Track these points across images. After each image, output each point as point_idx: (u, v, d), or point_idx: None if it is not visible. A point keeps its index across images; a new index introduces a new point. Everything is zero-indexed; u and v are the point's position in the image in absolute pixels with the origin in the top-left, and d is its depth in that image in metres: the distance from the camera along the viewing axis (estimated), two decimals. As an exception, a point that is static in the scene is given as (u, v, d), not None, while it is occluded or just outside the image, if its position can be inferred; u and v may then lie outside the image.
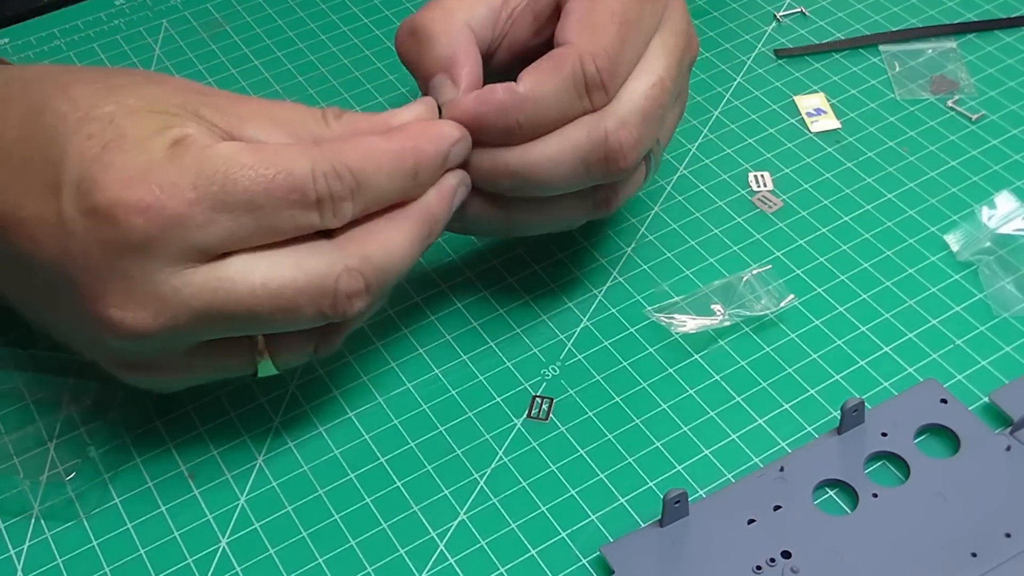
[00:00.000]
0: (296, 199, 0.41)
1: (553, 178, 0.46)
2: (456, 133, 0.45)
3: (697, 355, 0.52)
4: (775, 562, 0.44)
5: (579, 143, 0.45)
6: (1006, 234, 0.55)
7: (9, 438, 0.49)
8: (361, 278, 0.43)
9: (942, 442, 0.48)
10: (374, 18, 0.70)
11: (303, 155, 0.42)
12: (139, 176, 0.40)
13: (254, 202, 0.40)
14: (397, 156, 0.43)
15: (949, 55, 0.65)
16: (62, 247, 0.40)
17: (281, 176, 0.41)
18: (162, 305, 0.41)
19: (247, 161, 0.41)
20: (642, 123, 0.46)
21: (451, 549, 0.45)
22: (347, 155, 0.42)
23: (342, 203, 0.42)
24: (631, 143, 0.46)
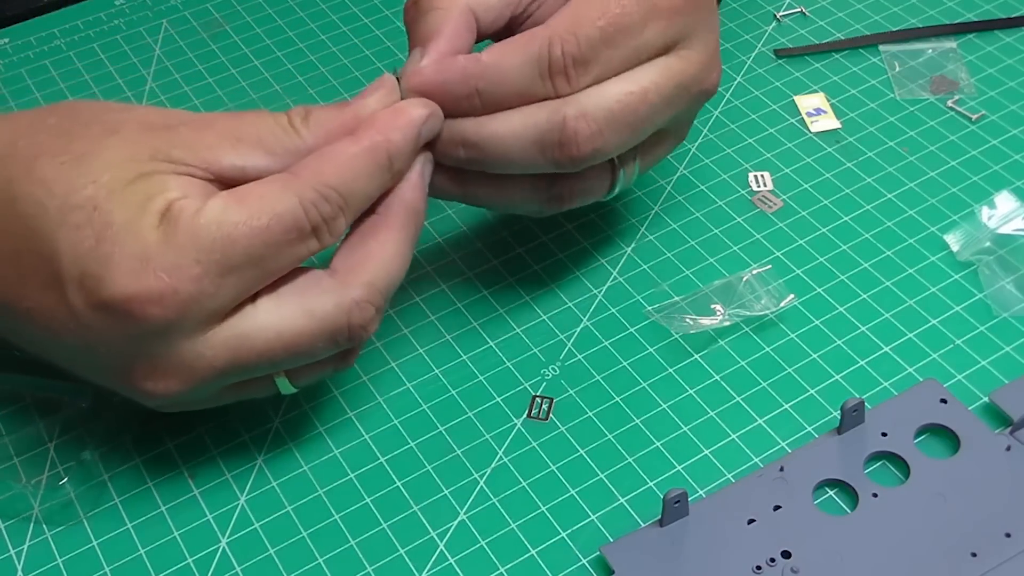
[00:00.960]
0: (294, 236, 0.42)
1: (507, 154, 0.46)
2: (423, 111, 0.45)
3: (697, 355, 0.52)
4: (775, 562, 0.44)
5: (538, 122, 0.45)
6: (1006, 234, 0.55)
7: (9, 439, 0.49)
8: (370, 307, 0.43)
9: (942, 442, 0.48)
10: (374, 18, 0.70)
11: (286, 191, 0.41)
12: (141, 266, 0.39)
13: (256, 255, 0.41)
14: (371, 155, 0.43)
15: (949, 55, 0.65)
16: (79, 336, 0.41)
17: (275, 222, 0.41)
18: (188, 371, 0.42)
19: (237, 218, 0.41)
20: (606, 121, 0.46)
21: (451, 549, 0.45)
22: (326, 174, 0.42)
23: (334, 222, 0.42)
24: (587, 135, 0.45)
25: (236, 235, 0.40)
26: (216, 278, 0.40)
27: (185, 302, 0.40)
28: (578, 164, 0.46)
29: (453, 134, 0.46)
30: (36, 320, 0.42)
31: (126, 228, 0.40)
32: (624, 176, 0.50)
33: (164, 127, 0.43)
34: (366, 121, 0.44)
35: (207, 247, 0.40)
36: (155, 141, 0.42)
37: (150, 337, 0.41)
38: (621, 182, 0.50)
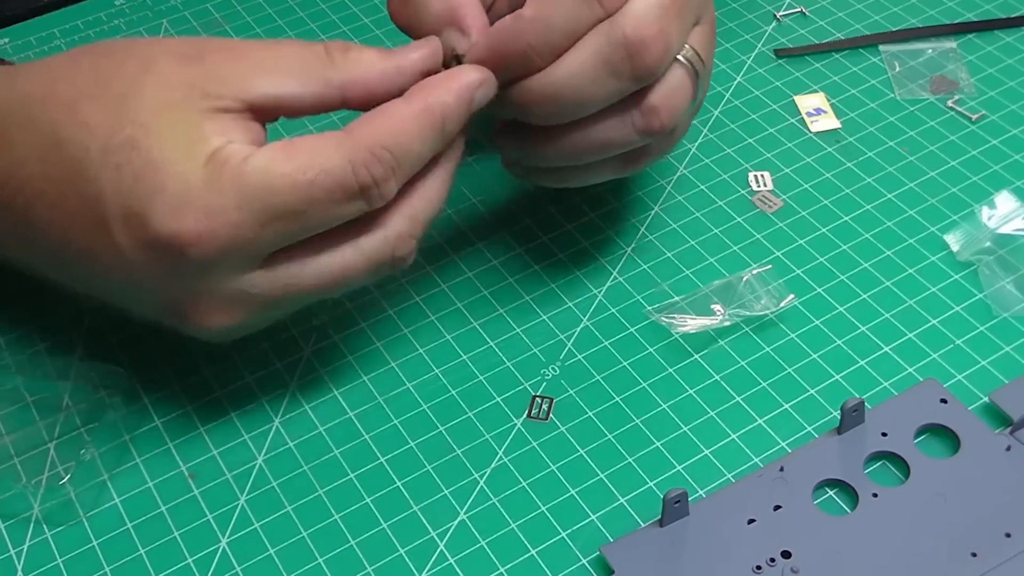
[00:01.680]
0: (339, 196, 0.42)
1: (582, 92, 0.45)
2: (478, 76, 0.45)
3: (697, 355, 0.52)
4: (775, 562, 0.44)
5: (599, 48, 0.44)
6: (1006, 234, 0.55)
7: (9, 439, 0.49)
8: (412, 240, 0.45)
9: (942, 442, 0.48)
10: (374, 18, 0.70)
11: (338, 149, 0.42)
12: (182, 205, 0.40)
13: (298, 209, 0.41)
14: (426, 116, 0.43)
15: (949, 55, 0.65)
16: (126, 274, 0.42)
17: (320, 177, 0.41)
18: (235, 306, 0.43)
19: (284, 169, 0.41)
20: (662, 16, 0.45)
21: (451, 549, 0.45)
22: (380, 134, 0.42)
23: (385, 184, 0.42)
24: (652, 35, 0.44)
25: (279, 186, 0.41)
26: (255, 226, 0.41)
27: (223, 244, 0.41)
28: (654, 68, 0.45)
29: (523, 95, 0.45)
30: (85, 261, 0.43)
31: (167, 167, 0.40)
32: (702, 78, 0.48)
33: (197, 57, 0.43)
34: (420, 83, 0.44)
35: (249, 195, 0.40)
36: (189, 74, 0.42)
37: (194, 274, 0.42)
38: (702, 86, 0.49)
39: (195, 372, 0.51)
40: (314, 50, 0.44)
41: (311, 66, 0.43)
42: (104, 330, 0.53)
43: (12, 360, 0.51)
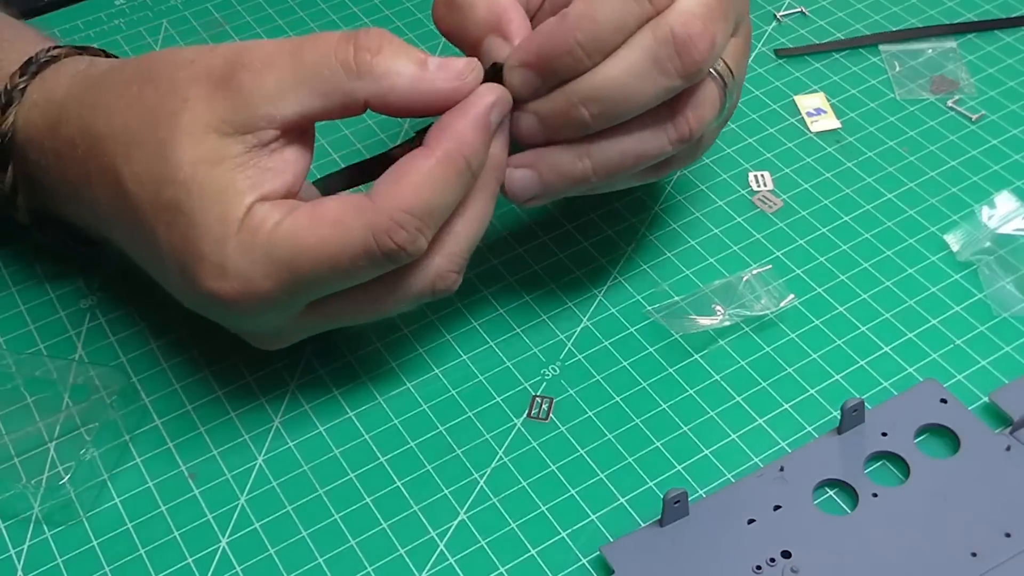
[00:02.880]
0: (364, 263, 0.43)
1: (630, 91, 0.45)
2: (490, 98, 0.45)
3: (697, 355, 0.52)
4: (775, 562, 0.44)
5: (647, 45, 0.44)
6: (1006, 234, 0.55)
7: (9, 439, 0.49)
8: (453, 274, 0.46)
9: (942, 442, 0.48)
10: (374, 18, 0.70)
11: (359, 219, 0.42)
12: (221, 272, 0.43)
13: (324, 278, 0.43)
14: (448, 165, 0.43)
15: (949, 55, 0.65)
16: (191, 303, 0.46)
17: (344, 251, 0.43)
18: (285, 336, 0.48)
19: (308, 242, 0.42)
20: (707, 14, 0.45)
21: (451, 549, 0.45)
22: (402, 197, 0.43)
23: (413, 245, 0.43)
24: (699, 31, 0.44)
25: (304, 260, 0.43)
26: (286, 292, 0.44)
27: (260, 305, 0.44)
28: (701, 66, 0.45)
29: (570, 97, 0.45)
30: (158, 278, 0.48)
31: (207, 234, 0.43)
32: (731, 92, 0.49)
33: (226, 80, 0.44)
34: (437, 126, 0.44)
35: (278, 266, 0.43)
36: (220, 106, 0.43)
37: (242, 318, 0.46)
38: (729, 101, 0.49)
39: (195, 372, 0.51)
40: (341, 54, 0.44)
41: (335, 77, 0.43)
42: (104, 330, 0.53)
43: (12, 360, 0.51)
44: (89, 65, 0.50)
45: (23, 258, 0.57)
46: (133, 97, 0.46)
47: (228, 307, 0.44)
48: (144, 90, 0.45)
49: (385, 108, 0.44)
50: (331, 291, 0.45)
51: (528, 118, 0.46)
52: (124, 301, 0.54)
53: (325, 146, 0.61)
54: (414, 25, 0.69)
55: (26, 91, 0.49)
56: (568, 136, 0.46)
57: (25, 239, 0.57)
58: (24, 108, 0.49)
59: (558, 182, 0.47)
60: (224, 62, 0.44)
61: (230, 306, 0.44)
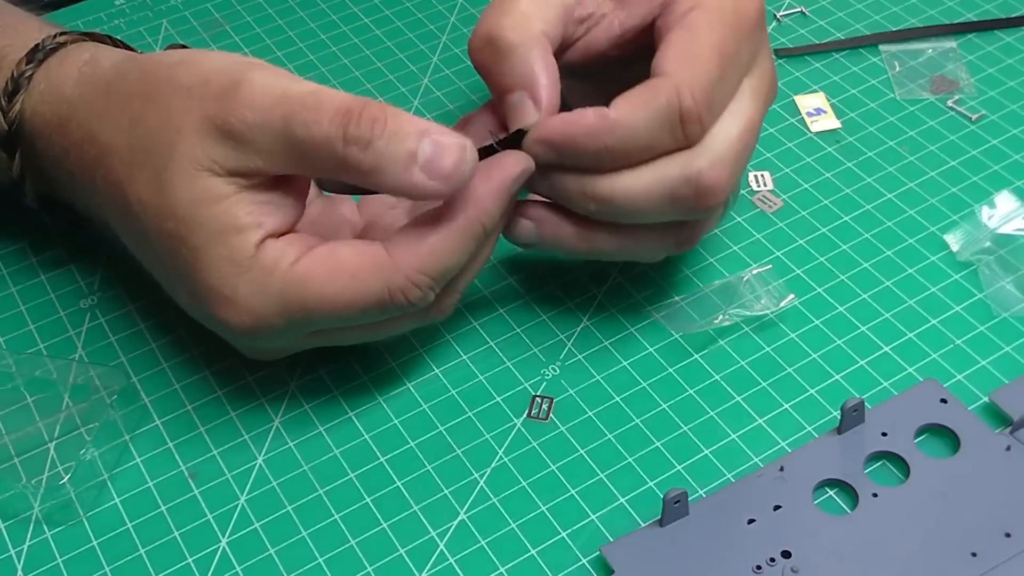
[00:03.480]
0: (375, 313, 0.44)
1: (638, 209, 0.46)
2: (519, 168, 0.45)
3: (697, 355, 0.52)
4: (775, 562, 0.44)
5: (671, 177, 0.45)
6: (1006, 234, 0.55)
7: (9, 439, 0.49)
8: (450, 305, 0.48)
9: (942, 442, 0.48)
10: (374, 18, 0.70)
11: (377, 275, 0.43)
12: (232, 303, 0.44)
13: (335, 322, 0.45)
14: (466, 231, 0.44)
15: (949, 55, 0.65)
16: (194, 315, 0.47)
17: (359, 303, 0.44)
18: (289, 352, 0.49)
19: (323, 291, 0.43)
20: (734, 164, 0.46)
21: (451, 549, 0.45)
22: (419, 260, 0.43)
23: (423, 300, 0.44)
24: (722, 183, 0.45)
25: (319, 307, 0.44)
26: (296, 330, 0.45)
27: (270, 335, 0.45)
28: (714, 210, 0.47)
29: (584, 189, 0.46)
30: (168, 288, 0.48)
31: (214, 270, 0.43)
32: (733, 198, 0.50)
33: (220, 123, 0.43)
34: (461, 194, 0.44)
35: (291, 306, 0.44)
36: (212, 149, 0.43)
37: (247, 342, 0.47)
38: (732, 203, 0.51)
39: (195, 372, 0.51)
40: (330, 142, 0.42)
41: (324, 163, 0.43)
42: (104, 330, 0.53)
43: (12, 360, 0.51)
44: (94, 59, 0.49)
45: (23, 258, 0.57)
46: (136, 115, 0.46)
47: (237, 334, 0.45)
48: (145, 110, 0.45)
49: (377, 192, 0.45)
50: (340, 326, 0.46)
51: (542, 180, 0.47)
52: (124, 301, 0.54)
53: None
54: (414, 25, 0.69)
55: (33, 79, 0.50)
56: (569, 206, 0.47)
57: (25, 239, 0.57)
58: (32, 99, 0.49)
59: (556, 245, 0.49)
60: (218, 105, 0.43)
61: (239, 334, 0.45)
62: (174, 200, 0.44)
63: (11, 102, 0.49)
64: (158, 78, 0.46)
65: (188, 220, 0.43)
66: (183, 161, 0.43)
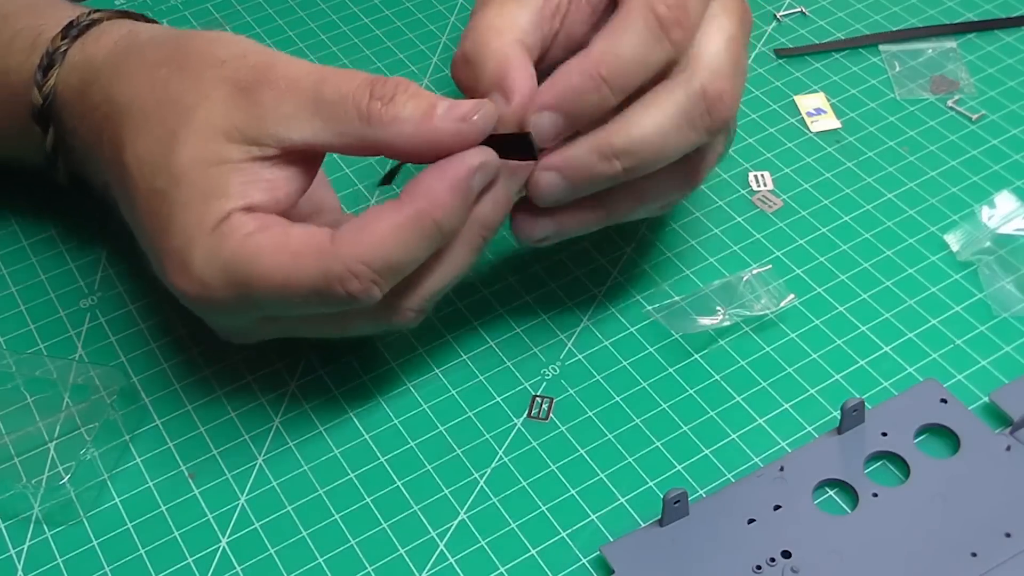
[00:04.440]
0: (314, 301, 0.43)
1: (662, 145, 0.45)
2: (473, 162, 0.44)
3: (697, 355, 0.52)
4: (775, 562, 0.44)
5: (678, 102, 0.45)
6: (1006, 234, 0.55)
7: (9, 439, 0.49)
8: (411, 313, 0.46)
9: (942, 442, 0.48)
10: (374, 18, 0.70)
11: (316, 260, 0.42)
12: (184, 268, 0.44)
13: (273, 303, 0.44)
14: (415, 224, 0.43)
15: (949, 55, 0.65)
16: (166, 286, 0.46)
17: (292, 284, 0.43)
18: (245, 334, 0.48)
19: (265, 266, 0.43)
20: (733, 72, 0.46)
21: (451, 549, 0.45)
22: (361, 249, 0.42)
23: (365, 294, 0.43)
24: (728, 90, 0.45)
25: (259, 281, 0.43)
26: (240, 304, 0.44)
27: (216, 308, 0.45)
28: (728, 121, 0.46)
29: (602, 149, 0.45)
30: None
31: (182, 232, 0.44)
32: (731, 133, 0.50)
33: (251, 89, 0.44)
34: (413, 183, 0.43)
35: (235, 275, 0.43)
36: (236, 114, 0.44)
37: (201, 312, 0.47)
38: (730, 139, 0.50)
39: (195, 372, 0.51)
40: (356, 98, 0.43)
41: (349, 121, 0.44)
42: (104, 330, 0.53)
43: (12, 360, 0.51)
44: (131, 33, 0.50)
45: (23, 258, 0.57)
46: (159, 80, 0.46)
47: (189, 301, 0.45)
48: (171, 77, 0.46)
49: (396, 154, 0.44)
50: (285, 314, 0.45)
51: (549, 176, 0.46)
52: (124, 301, 0.54)
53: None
54: (414, 25, 0.69)
55: (67, 54, 0.50)
56: (590, 192, 0.46)
57: (25, 239, 0.57)
58: (64, 71, 0.50)
59: (573, 226, 0.48)
60: (252, 73, 0.44)
61: (190, 301, 0.45)
62: (176, 155, 0.44)
63: (46, 76, 0.50)
64: (193, 49, 0.47)
65: (180, 178, 0.44)
66: (202, 124, 0.44)
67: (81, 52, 0.50)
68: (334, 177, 0.60)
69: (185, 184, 0.44)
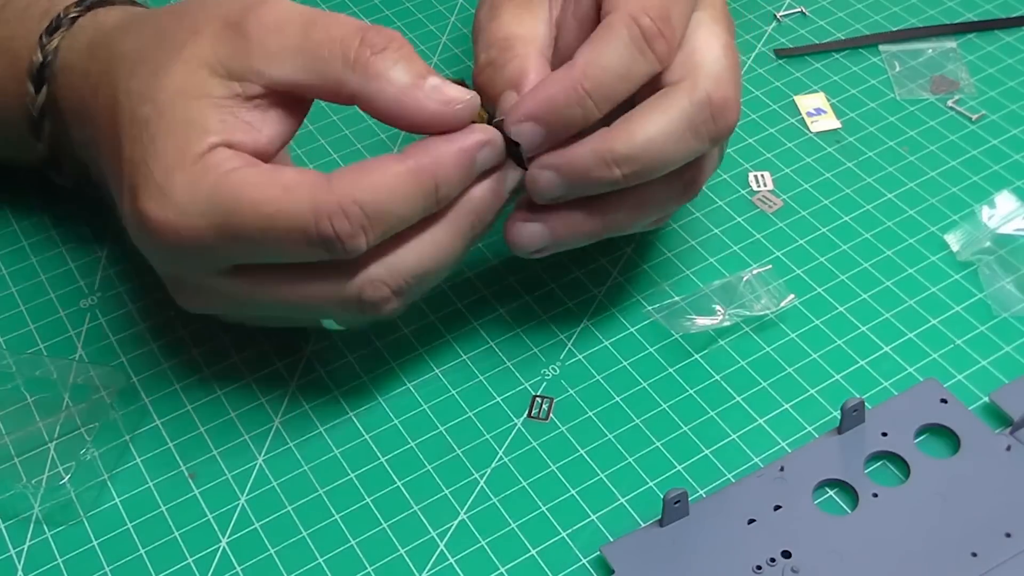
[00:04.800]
0: (297, 238, 0.42)
1: (664, 152, 0.45)
2: (480, 137, 0.44)
3: (697, 355, 0.52)
4: (775, 562, 0.44)
5: (683, 108, 0.45)
6: (1006, 234, 0.55)
7: (9, 439, 0.49)
8: (386, 288, 0.44)
9: (942, 442, 0.48)
10: (374, 18, 0.70)
11: (309, 193, 0.41)
12: (161, 195, 0.42)
13: (255, 237, 0.42)
14: (415, 177, 0.42)
15: (949, 55, 0.65)
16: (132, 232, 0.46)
17: (281, 217, 0.41)
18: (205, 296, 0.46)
19: (252, 196, 0.42)
20: (733, 78, 0.46)
21: (451, 549, 0.45)
22: (357, 189, 0.41)
23: (351, 240, 0.42)
24: (732, 97, 0.45)
25: (243, 210, 0.42)
26: (215, 237, 0.42)
27: (184, 242, 0.43)
28: (732, 128, 0.46)
29: (603, 154, 0.44)
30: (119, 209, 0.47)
31: (161, 157, 0.43)
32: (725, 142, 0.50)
33: (239, 23, 0.44)
34: (420, 142, 0.43)
35: (215, 208, 0.42)
36: (222, 47, 0.44)
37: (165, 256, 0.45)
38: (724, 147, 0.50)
39: (195, 372, 0.51)
40: (346, 43, 0.43)
41: (332, 62, 0.43)
42: (104, 330, 0.53)
43: (12, 360, 0.51)
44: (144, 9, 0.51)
45: (23, 258, 0.57)
46: (157, 22, 0.47)
47: (158, 236, 0.43)
48: (169, 17, 0.47)
49: (370, 110, 0.44)
50: (260, 259, 0.44)
51: (547, 175, 0.45)
52: (124, 301, 0.54)
53: (325, 146, 0.61)
54: (414, 25, 0.69)
55: (77, 21, 0.51)
56: (588, 193, 0.46)
57: (25, 239, 0.57)
58: (71, 33, 0.50)
59: (568, 237, 0.47)
60: (242, 8, 0.44)
61: (159, 235, 0.43)
62: (162, 85, 0.43)
63: (51, 37, 0.50)
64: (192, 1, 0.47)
65: (163, 105, 0.43)
66: (189, 56, 0.44)
67: (93, 20, 0.51)
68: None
69: (168, 111, 0.43)
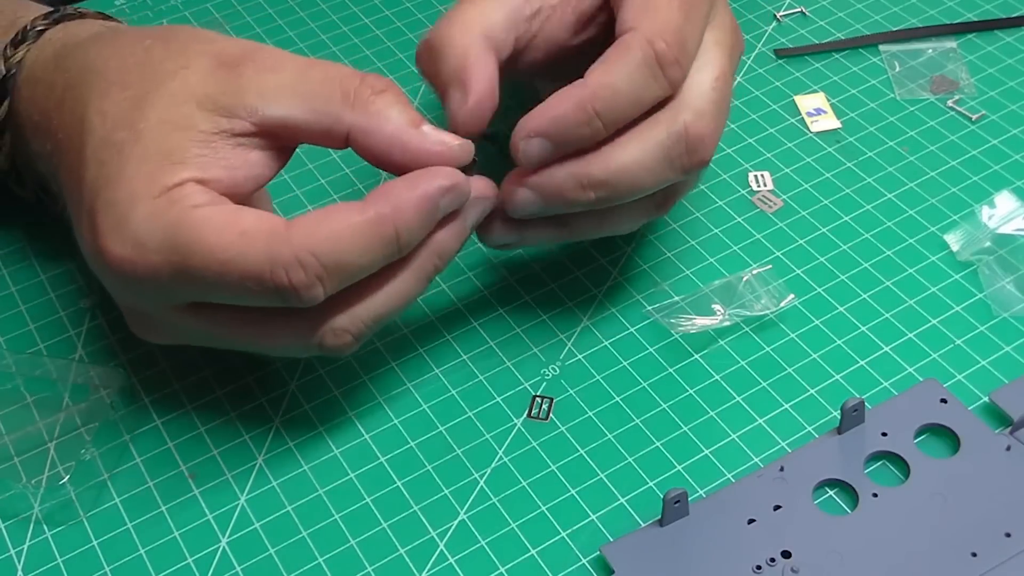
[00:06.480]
0: (253, 287, 0.41)
1: (637, 181, 0.45)
2: (443, 183, 0.43)
3: (697, 355, 0.52)
4: (775, 562, 0.44)
5: (660, 140, 0.45)
6: (1006, 234, 0.55)
7: (9, 439, 0.49)
8: (348, 336, 0.44)
9: (942, 442, 0.48)
10: (374, 18, 0.70)
11: (266, 243, 0.41)
12: (120, 226, 0.42)
13: (210, 281, 0.41)
14: (374, 228, 0.41)
15: (949, 55, 0.65)
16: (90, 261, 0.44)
17: (237, 264, 0.41)
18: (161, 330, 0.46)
19: (210, 239, 0.41)
20: (716, 113, 0.46)
21: (451, 549, 0.45)
22: (314, 240, 0.41)
23: (307, 291, 0.41)
24: (710, 132, 0.45)
25: (199, 253, 0.41)
26: (170, 276, 0.41)
27: (139, 277, 0.42)
28: (706, 163, 0.46)
29: (580, 178, 0.45)
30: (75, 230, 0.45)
31: (129, 184, 0.42)
32: None
33: (232, 65, 0.44)
34: (381, 188, 0.43)
35: (173, 246, 0.41)
36: (213, 84, 0.43)
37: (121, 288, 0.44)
38: None
39: (195, 372, 0.51)
40: (345, 82, 0.43)
41: (330, 99, 0.43)
42: (104, 330, 0.53)
43: (12, 360, 0.51)
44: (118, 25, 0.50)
45: (23, 258, 0.57)
46: (142, 48, 0.45)
47: (113, 266, 0.42)
48: (155, 45, 0.45)
49: (366, 149, 0.44)
50: (218, 300, 0.43)
51: (523, 192, 0.46)
52: (124, 301, 0.54)
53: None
54: (414, 25, 0.69)
55: (44, 34, 0.50)
56: (561, 212, 0.46)
57: (25, 239, 0.57)
58: (38, 46, 0.49)
59: (535, 237, 0.48)
60: (238, 51, 0.44)
61: (114, 265, 0.42)
62: (141, 115, 0.43)
63: (16, 50, 0.49)
64: (181, 28, 0.47)
65: (141, 134, 0.42)
66: (177, 88, 0.43)
67: (63, 32, 0.50)
68: (333, 177, 0.60)
69: (145, 141, 0.42)
